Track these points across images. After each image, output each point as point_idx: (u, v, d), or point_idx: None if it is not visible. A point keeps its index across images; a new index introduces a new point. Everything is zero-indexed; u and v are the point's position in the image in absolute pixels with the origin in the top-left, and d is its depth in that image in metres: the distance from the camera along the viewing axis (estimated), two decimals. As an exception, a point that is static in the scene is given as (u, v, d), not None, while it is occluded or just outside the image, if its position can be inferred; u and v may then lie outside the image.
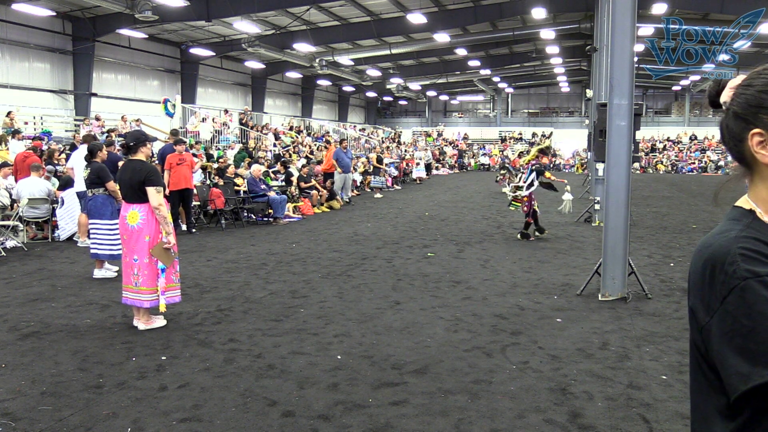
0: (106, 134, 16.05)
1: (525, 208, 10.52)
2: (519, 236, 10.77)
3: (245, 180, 13.77)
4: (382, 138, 34.39)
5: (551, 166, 11.16)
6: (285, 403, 3.99)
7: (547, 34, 24.33)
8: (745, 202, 1.14)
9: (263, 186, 13.47)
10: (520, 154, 25.36)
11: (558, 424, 3.70)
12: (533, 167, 10.61)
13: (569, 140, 39.49)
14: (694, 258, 1.12)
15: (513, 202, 10.81)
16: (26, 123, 17.52)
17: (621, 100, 6.52)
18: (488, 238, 10.94)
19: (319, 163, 17.82)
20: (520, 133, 42.68)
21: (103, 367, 4.61)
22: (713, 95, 1.18)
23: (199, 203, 12.62)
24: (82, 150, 9.59)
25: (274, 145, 21.51)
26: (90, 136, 10.23)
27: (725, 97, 1.14)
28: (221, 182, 13.59)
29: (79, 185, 9.73)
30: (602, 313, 6.13)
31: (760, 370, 0.95)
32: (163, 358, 4.83)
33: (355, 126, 37.61)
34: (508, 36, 25.55)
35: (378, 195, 19.67)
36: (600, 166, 12.12)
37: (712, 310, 1.03)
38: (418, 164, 27.35)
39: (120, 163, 8.45)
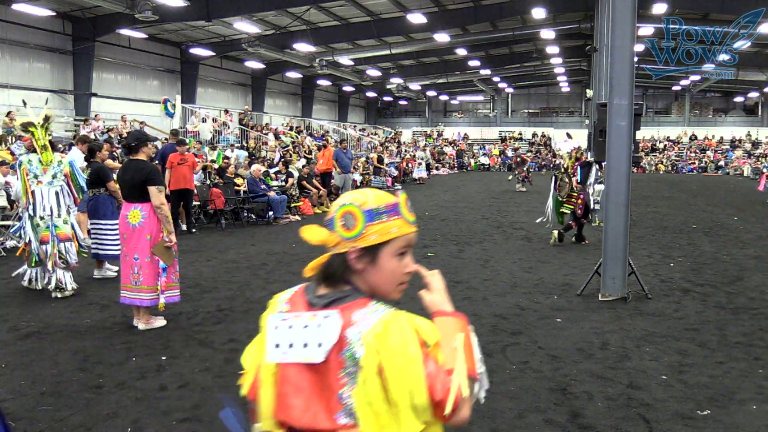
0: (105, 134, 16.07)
1: (580, 210, 10.07)
2: (557, 239, 10.15)
3: (245, 180, 13.77)
4: (382, 139, 34.36)
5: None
6: (285, 403, 3.99)
7: (547, 34, 24.33)
8: None
9: (263, 186, 13.47)
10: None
11: (558, 424, 3.71)
12: (581, 164, 10.22)
13: (569, 140, 39.48)
14: None
15: (566, 205, 10.24)
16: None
17: (621, 100, 6.51)
18: (488, 238, 10.94)
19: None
20: (520, 133, 42.66)
21: (103, 367, 4.61)
22: None
23: (199, 203, 12.62)
24: (76, 150, 9.60)
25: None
26: (84, 136, 10.21)
27: None
28: (221, 181, 13.58)
29: None
30: (602, 313, 6.13)
31: None
32: (163, 358, 4.83)
33: (355, 126, 37.60)
34: (508, 36, 25.54)
35: (378, 195, 19.64)
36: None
37: None
38: (420, 164, 27.36)
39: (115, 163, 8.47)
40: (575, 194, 10.18)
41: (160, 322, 5.63)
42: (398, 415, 1.30)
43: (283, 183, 14.96)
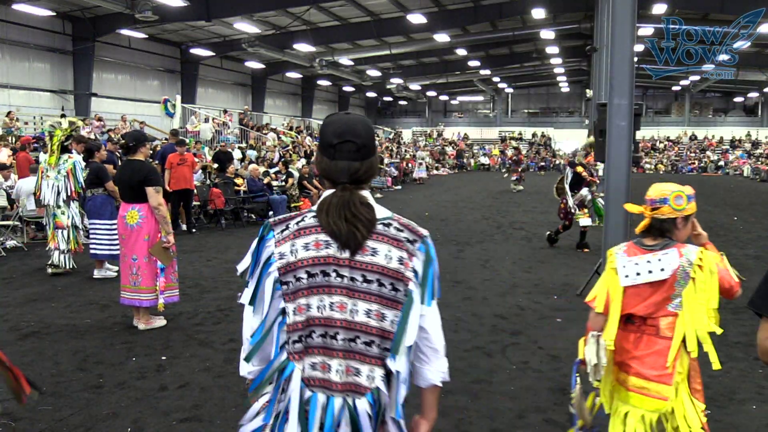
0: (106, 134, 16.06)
1: (562, 214, 9.75)
2: (548, 240, 10.13)
3: (245, 180, 13.76)
4: (382, 139, 34.36)
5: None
6: (285, 403, 3.98)
7: (547, 34, 24.33)
8: None
9: (264, 185, 13.45)
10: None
11: (558, 424, 3.70)
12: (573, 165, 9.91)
13: (569, 140, 39.47)
14: None
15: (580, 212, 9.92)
16: (26, 123, 17.51)
17: (621, 100, 6.51)
18: (488, 238, 10.94)
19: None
20: (520, 133, 42.66)
21: (103, 367, 4.61)
22: None
23: (199, 203, 12.61)
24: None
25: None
26: (80, 136, 10.19)
27: None
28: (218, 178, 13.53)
29: None
30: (602, 313, 6.13)
31: None
32: (163, 358, 4.83)
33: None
34: (508, 36, 25.54)
35: (378, 195, 19.68)
36: (600, 166, 12.11)
37: None
38: (420, 164, 27.34)
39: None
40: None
41: (160, 322, 5.63)
42: (703, 304, 2.39)
43: (283, 183, 14.96)
